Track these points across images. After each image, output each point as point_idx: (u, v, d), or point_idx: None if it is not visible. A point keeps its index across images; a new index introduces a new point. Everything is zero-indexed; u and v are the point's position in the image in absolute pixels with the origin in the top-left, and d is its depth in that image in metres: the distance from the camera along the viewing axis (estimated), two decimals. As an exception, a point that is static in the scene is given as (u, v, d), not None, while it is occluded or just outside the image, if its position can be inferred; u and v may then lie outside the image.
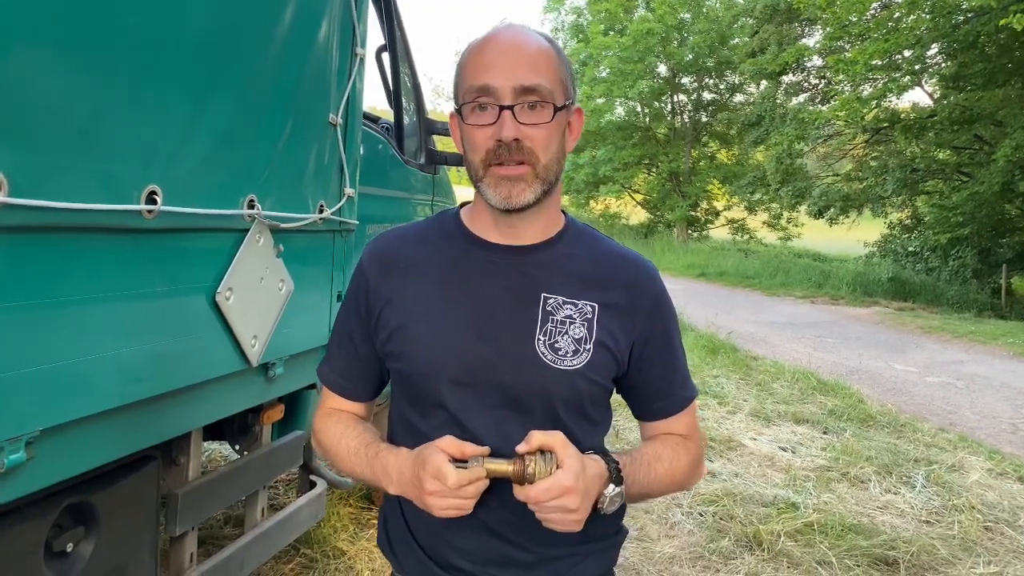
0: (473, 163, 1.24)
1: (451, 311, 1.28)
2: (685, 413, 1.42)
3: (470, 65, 1.24)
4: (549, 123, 1.21)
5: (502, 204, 1.22)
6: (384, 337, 1.32)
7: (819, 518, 4.16)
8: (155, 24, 1.59)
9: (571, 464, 1.13)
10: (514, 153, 1.19)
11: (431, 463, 1.15)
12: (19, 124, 1.30)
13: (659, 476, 1.32)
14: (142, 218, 1.60)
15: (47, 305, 1.42)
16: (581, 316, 1.28)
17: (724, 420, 6.19)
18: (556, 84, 1.23)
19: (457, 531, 1.28)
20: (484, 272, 1.30)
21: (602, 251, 1.37)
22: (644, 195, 32.15)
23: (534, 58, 1.22)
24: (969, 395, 7.64)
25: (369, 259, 1.38)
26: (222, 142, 1.86)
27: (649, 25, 25.53)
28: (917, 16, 15.49)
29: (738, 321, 11.93)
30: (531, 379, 1.25)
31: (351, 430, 1.37)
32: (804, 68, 22.30)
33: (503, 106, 1.19)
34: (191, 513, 2.22)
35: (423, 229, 1.41)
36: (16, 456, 1.37)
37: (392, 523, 1.41)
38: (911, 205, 21.40)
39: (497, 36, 1.25)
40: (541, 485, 1.12)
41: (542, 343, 1.26)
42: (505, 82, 1.19)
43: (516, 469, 1.14)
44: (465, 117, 1.23)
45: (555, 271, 1.30)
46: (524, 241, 1.31)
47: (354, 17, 2.50)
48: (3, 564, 1.53)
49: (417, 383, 1.29)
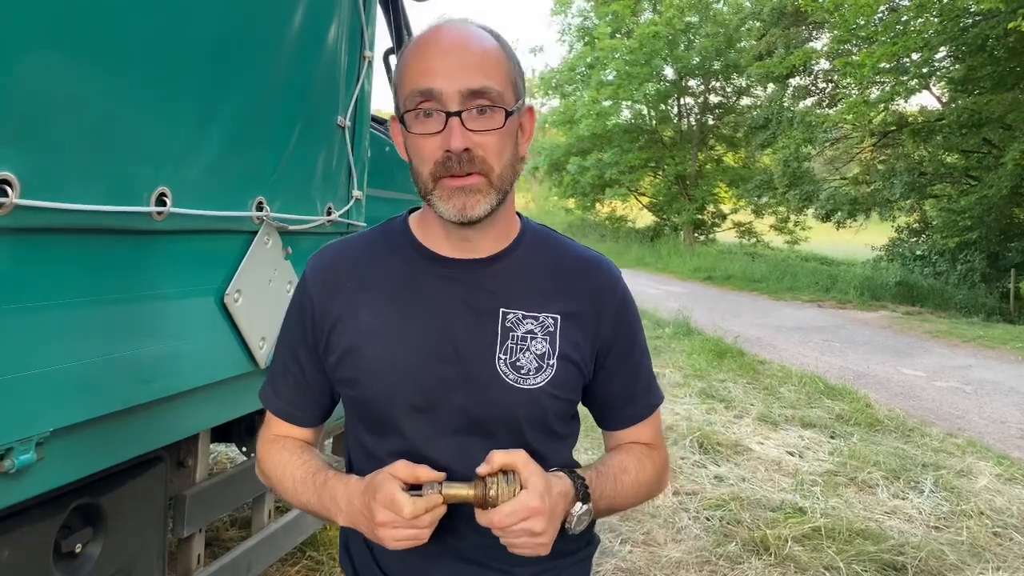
0: (421, 175, 1.14)
1: (406, 331, 1.20)
2: (650, 420, 1.36)
3: (411, 68, 1.13)
4: (501, 129, 1.11)
5: (456, 217, 1.12)
6: (334, 361, 1.23)
7: (827, 523, 4.14)
8: (166, 27, 1.59)
9: (535, 483, 1.06)
10: (465, 164, 1.09)
11: (383, 492, 1.06)
12: (31, 126, 1.30)
13: (625, 488, 1.26)
14: (152, 220, 1.61)
15: (57, 306, 1.42)
16: (543, 330, 1.20)
17: (731, 424, 6.17)
18: (506, 85, 1.13)
19: (431, 559, 1.22)
20: (439, 288, 1.22)
21: (561, 256, 1.29)
22: (650, 198, 32.13)
23: (480, 58, 1.11)
24: (977, 400, 7.60)
25: (312, 275, 1.28)
26: (232, 144, 1.86)
27: (656, 28, 25.52)
28: (925, 19, 15.46)
29: (745, 325, 11.90)
30: (493, 400, 1.18)
31: (296, 458, 1.27)
32: (811, 71, 22.26)
33: (450, 113, 1.08)
34: (199, 515, 2.22)
35: (369, 241, 1.31)
36: (26, 457, 1.37)
37: (355, 548, 1.33)
38: (919, 209, 21.35)
39: (439, 35, 1.14)
40: (504, 509, 1.04)
41: (503, 362, 1.18)
42: (450, 86, 1.08)
43: (477, 493, 1.06)
44: (409, 125, 1.13)
45: (513, 283, 1.23)
46: (479, 254, 1.23)
47: (363, 20, 2.50)
48: (13, 564, 1.53)
49: (372, 410, 1.21)
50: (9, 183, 1.25)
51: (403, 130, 1.16)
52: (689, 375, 7.86)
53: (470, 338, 1.19)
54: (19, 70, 1.26)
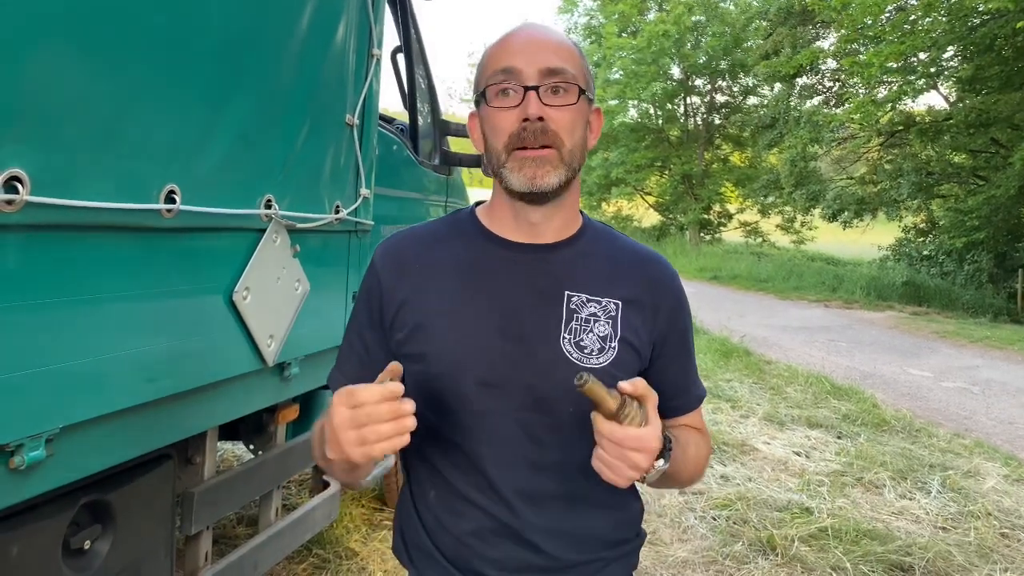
0: (495, 148, 1.21)
1: (473, 310, 1.24)
2: (698, 411, 1.42)
3: (493, 55, 1.23)
4: (574, 105, 1.20)
5: (526, 186, 1.18)
6: (401, 338, 1.27)
7: (833, 523, 4.14)
8: (176, 26, 1.59)
9: (657, 424, 1.09)
10: (539, 136, 1.17)
11: (338, 394, 1.04)
12: (42, 123, 1.30)
13: (687, 460, 1.30)
14: (161, 217, 1.61)
15: (67, 303, 1.42)
16: (605, 314, 1.25)
17: (737, 424, 6.16)
18: (580, 72, 1.22)
19: (485, 539, 1.25)
20: (505, 270, 1.27)
21: (621, 249, 1.35)
22: (656, 197, 32.09)
23: (558, 45, 1.22)
24: (985, 400, 7.58)
25: (382, 259, 1.33)
26: (241, 142, 1.86)
27: (664, 27, 25.47)
28: (933, 18, 15.40)
29: (751, 325, 11.89)
30: (558, 378, 1.21)
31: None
32: (818, 70, 22.20)
33: (528, 87, 1.17)
34: (206, 512, 2.22)
35: (436, 229, 1.37)
36: (36, 453, 1.38)
37: (409, 530, 1.36)
38: (926, 209, 21.27)
39: (521, 29, 1.25)
40: (630, 431, 1.05)
41: (567, 341, 1.23)
42: (529, 64, 1.18)
43: (615, 405, 1.06)
44: (488, 100, 1.21)
45: (577, 269, 1.28)
46: (544, 239, 1.28)
47: (371, 18, 2.50)
48: (23, 561, 1.54)
49: (439, 385, 1.24)
50: (20, 180, 1.25)
51: (482, 109, 1.24)
52: (695, 375, 7.83)
53: (535, 318, 1.24)
54: (30, 68, 1.27)
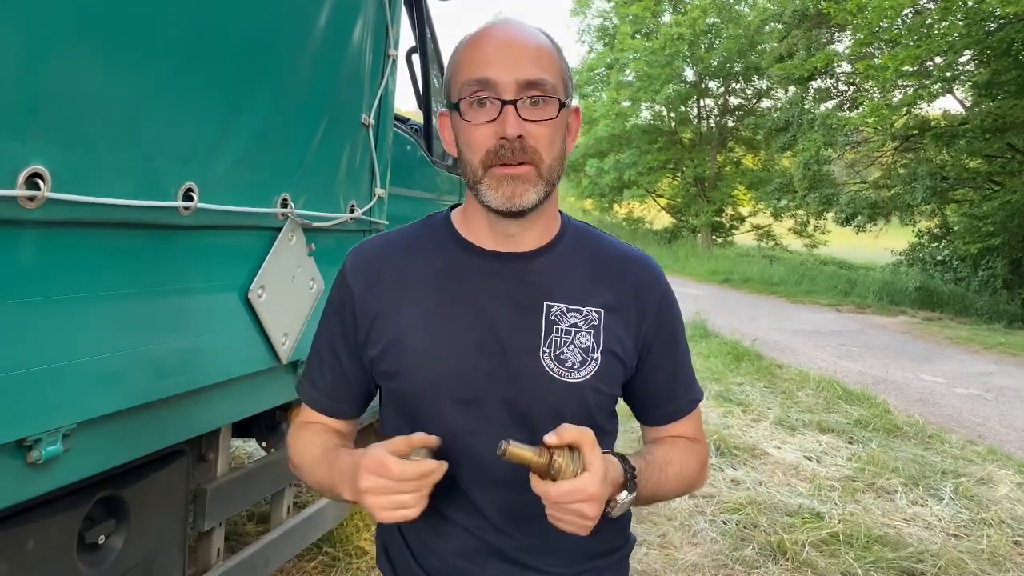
0: (471, 163, 1.15)
1: (449, 324, 1.20)
2: (692, 416, 1.36)
3: (467, 59, 1.16)
4: (554, 119, 1.14)
5: (504, 206, 1.14)
6: (375, 354, 1.23)
7: (844, 528, 4.12)
8: (195, 25, 1.61)
9: (597, 467, 1.04)
10: (517, 153, 1.11)
11: (369, 456, 1.05)
12: (64, 121, 1.31)
13: (670, 479, 1.26)
14: (179, 215, 1.62)
15: (85, 299, 1.43)
16: (587, 324, 1.21)
17: (748, 428, 6.14)
18: (559, 80, 1.16)
19: (472, 561, 1.22)
20: (482, 282, 1.22)
21: (604, 251, 1.30)
22: (668, 200, 32.02)
23: (536, 52, 1.15)
24: (998, 407, 7.52)
25: (353, 269, 1.28)
26: (258, 141, 1.87)
27: (679, 30, 25.42)
28: (950, 22, 15.30)
29: (763, 328, 11.84)
30: (538, 394, 1.18)
31: (317, 438, 1.27)
32: (833, 74, 22.09)
33: (505, 101, 1.11)
34: (219, 509, 2.23)
35: (410, 235, 1.32)
36: (54, 448, 1.39)
37: (394, 549, 1.32)
38: (940, 214, 21.11)
39: (495, 30, 1.18)
40: (564, 487, 1.02)
41: (547, 355, 1.18)
42: (507, 76, 1.11)
43: (542, 461, 1.04)
44: (463, 113, 1.15)
45: (557, 277, 1.23)
46: (522, 247, 1.24)
47: (388, 19, 2.51)
48: (38, 555, 1.55)
49: (415, 402, 1.21)
50: (41, 176, 1.26)
51: (455, 120, 1.18)
52: (706, 378, 7.81)
53: (514, 331, 1.20)
54: (52, 66, 1.28)
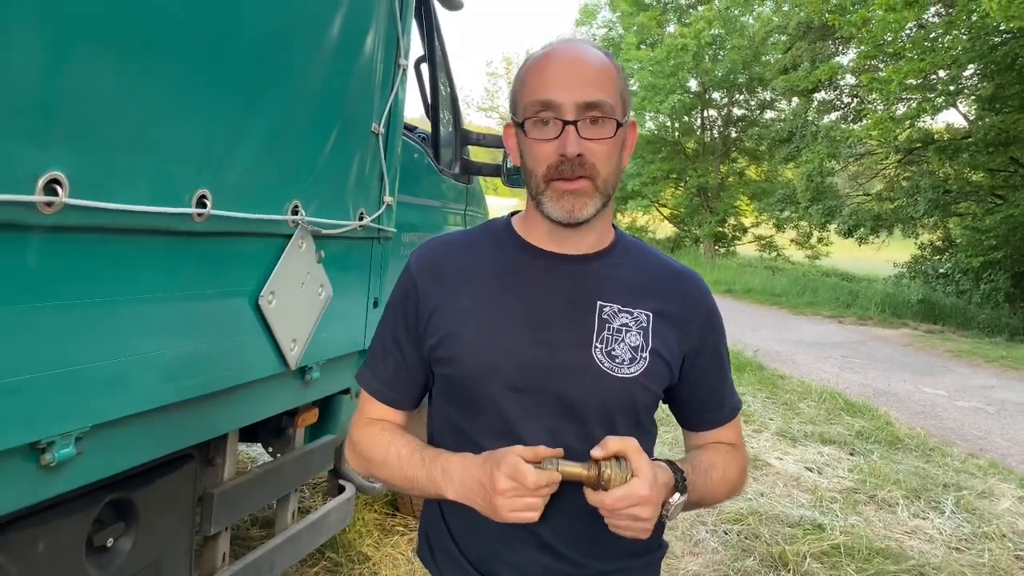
0: (535, 176, 1.24)
1: (505, 316, 1.27)
2: (733, 423, 1.44)
3: (531, 79, 1.24)
4: (611, 138, 1.22)
5: (564, 218, 1.22)
6: (434, 343, 1.30)
7: (846, 540, 4.12)
8: (210, 34, 1.63)
9: (646, 472, 1.11)
10: (576, 168, 1.20)
11: (507, 462, 1.12)
12: (82, 127, 1.33)
13: (714, 483, 1.33)
14: (192, 221, 1.63)
15: (99, 304, 1.45)
16: (637, 324, 1.28)
17: (750, 439, 6.14)
18: (616, 99, 1.23)
19: (509, 545, 1.27)
20: (538, 278, 1.30)
21: (654, 263, 1.38)
22: (671, 210, 32.04)
23: (596, 74, 1.23)
24: (1000, 421, 7.52)
25: (418, 265, 1.36)
26: (271, 148, 1.89)
27: (684, 41, 25.48)
28: (954, 36, 15.33)
29: (765, 339, 11.84)
30: (588, 387, 1.24)
31: (400, 437, 1.33)
32: (837, 86, 22.13)
33: (567, 121, 1.19)
34: (226, 513, 2.24)
35: (471, 237, 1.41)
36: (67, 451, 1.40)
37: (434, 535, 1.39)
38: (943, 226, 21.11)
39: (558, 51, 1.25)
40: (616, 493, 1.10)
41: (599, 351, 1.25)
42: (568, 98, 1.19)
43: (591, 474, 1.12)
44: (528, 131, 1.23)
45: (609, 280, 1.31)
46: (578, 251, 1.32)
47: (399, 28, 2.53)
48: (48, 557, 1.56)
49: (468, 388, 1.27)
50: (59, 182, 1.28)
51: (520, 135, 1.26)
52: (708, 388, 7.80)
53: (568, 326, 1.26)
54: (70, 72, 1.29)
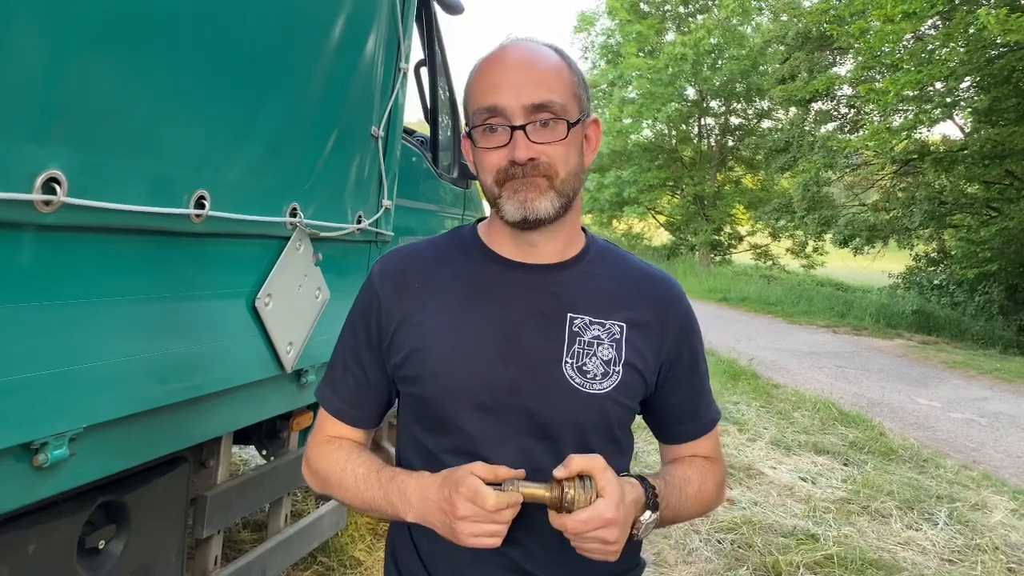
0: (487, 184, 1.19)
1: (472, 332, 1.21)
2: (710, 435, 1.38)
3: (478, 86, 1.19)
4: (563, 140, 1.16)
5: (519, 212, 1.15)
6: (399, 360, 1.24)
7: (839, 551, 4.11)
8: (211, 36, 1.62)
9: (611, 491, 1.05)
10: (527, 173, 1.14)
11: (466, 485, 1.05)
12: (82, 126, 1.33)
13: (689, 499, 1.28)
14: (190, 222, 1.63)
15: (95, 305, 1.44)
16: (609, 337, 1.22)
17: (744, 447, 6.14)
18: (569, 98, 1.18)
19: (481, 569, 1.21)
20: (506, 292, 1.23)
21: (627, 269, 1.32)
22: (668, 217, 32.08)
23: (543, 74, 1.16)
24: (993, 433, 7.53)
25: (380, 277, 1.29)
26: (270, 150, 1.89)
27: (683, 50, 25.55)
28: (951, 48, 15.39)
29: (759, 348, 11.85)
30: (559, 404, 1.18)
31: (357, 456, 1.27)
32: (834, 96, 22.20)
33: (514, 127, 1.13)
34: (219, 516, 2.23)
35: (437, 246, 1.34)
36: (59, 452, 1.39)
37: (403, 555, 1.31)
38: (938, 238, 21.18)
39: (504, 53, 1.19)
40: (580, 516, 1.04)
41: (570, 366, 1.19)
42: (514, 101, 1.13)
43: (554, 496, 1.05)
44: (476, 140, 1.18)
45: (580, 290, 1.25)
46: (546, 260, 1.25)
47: (400, 32, 2.53)
48: (38, 559, 1.55)
49: (435, 408, 1.21)
50: (58, 181, 1.27)
51: (471, 145, 1.21)
52: (702, 396, 7.80)
53: (537, 341, 1.20)
54: (71, 72, 1.29)
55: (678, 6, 29.49)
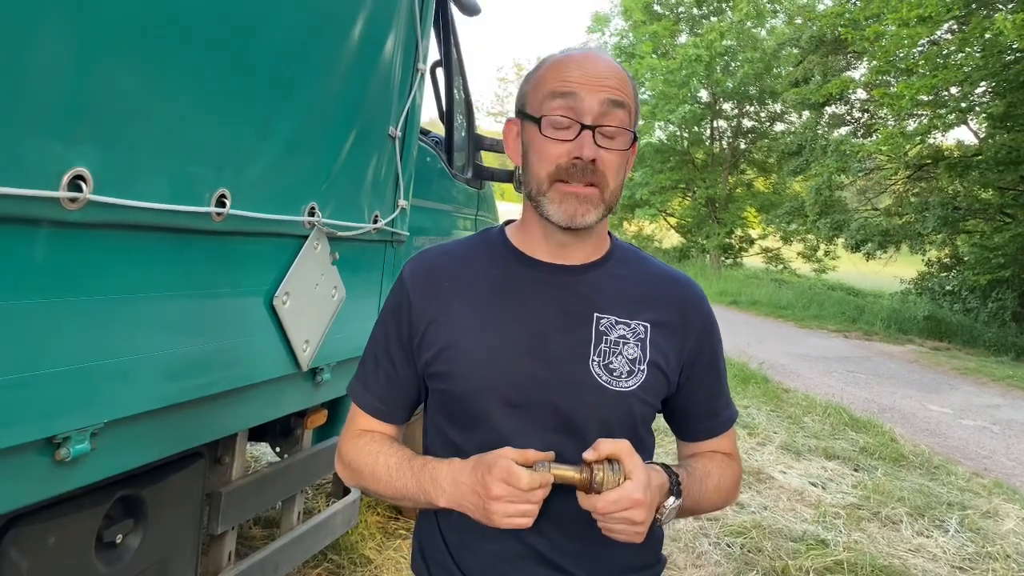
0: (537, 175, 1.22)
1: (502, 330, 1.24)
2: (729, 433, 1.42)
3: (552, 75, 1.22)
4: (625, 150, 1.21)
5: (564, 222, 1.19)
6: (429, 357, 1.27)
7: (849, 557, 4.10)
8: (234, 37, 1.64)
9: (639, 475, 1.09)
10: (587, 174, 1.17)
11: (499, 466, 1.09)
12: (107, 124, 1.34)
13: (708, 491, 1.31)
14: (211, 220, 1.64)
15: (118, 301, 1.46)
16: (634, 336, 1.25)
17: (754, 451, 6.13)
18: (634, 111, 1.23)
19: (510, 562, 1.23)
20: (535, 291, 1.27)
21: (650, 271, 1.36)
22: (679, 219, 32.02)
23: (621, 81, 1.22)
24: (1005, 440, 7.49)
25: (411, 276, 1.33)
26: (289, 150, 1.90)
27: (696, 52, 25.50)
28: (967, 53, 15.31)
29: (770, 352, 11.82)
30: (587, 401, 1.22)
31: (388, 447, 1.30)
32: (848, 100, 22.11)
33: (585, 125, 1.17)
34: (233, 512, 2.24)
35: (466, 246, 1.38)
36: (82, 446, 1.41)
37: (430, 548, 1.34)
38: (951, 244, 21.06)
39: (580, 53, 1.24)
40: (609, 496, 1.08)
41: (596, 364, 1.23)
42: (591, 93, 1.18)
43: (583, 477, 1.10)
44: (542, 128, 1.20)
45: (606, 291, 1.28)
46: (573, 261, 1.29)
47: (418, 32, 2.54)
48: (57, 552, 1.56)
49: (464, 404, 1.24)
50: (84, 179, 1.28)
51: (530, 132, 1.24)
52: (712, 399, 7.78)
53: (564, 339, 1.24)
54: (97, 70, 1.30)
55: (692, 8, 29.44)
